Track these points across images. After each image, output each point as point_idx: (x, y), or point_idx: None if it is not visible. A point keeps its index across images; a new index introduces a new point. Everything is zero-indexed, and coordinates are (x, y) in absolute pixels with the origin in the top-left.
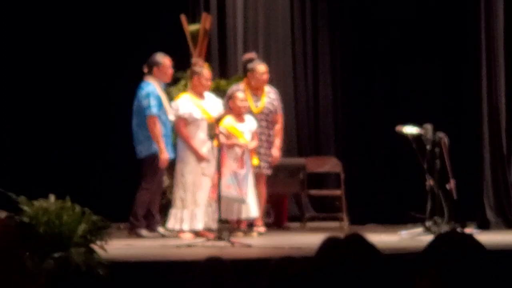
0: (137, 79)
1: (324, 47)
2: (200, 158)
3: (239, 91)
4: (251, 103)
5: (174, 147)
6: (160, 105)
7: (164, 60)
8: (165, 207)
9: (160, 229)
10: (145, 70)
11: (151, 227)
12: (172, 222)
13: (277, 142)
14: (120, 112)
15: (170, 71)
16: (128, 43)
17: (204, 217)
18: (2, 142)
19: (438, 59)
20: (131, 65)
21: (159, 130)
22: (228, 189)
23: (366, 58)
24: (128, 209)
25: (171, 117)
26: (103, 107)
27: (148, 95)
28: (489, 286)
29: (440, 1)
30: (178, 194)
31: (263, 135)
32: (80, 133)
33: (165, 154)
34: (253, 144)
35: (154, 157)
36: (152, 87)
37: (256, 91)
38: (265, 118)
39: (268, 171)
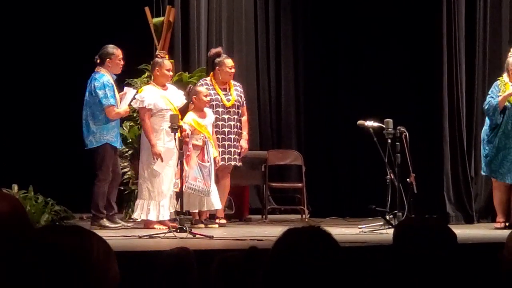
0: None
1: (287, 41)
2: (155, 153)
3: (204, 86)
4: (222, 97)
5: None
6: (114, 95)
7: (116, 51)
8: (128, 197)
9: (119, 220)
10: (97, 60)
11: (110, 218)
12: (138, 213)
13: (245, 133)
14: (82, 103)
15: (121, 62)
16: (92, 35)
17: (168, 208)
18: None
19: (400, 54)
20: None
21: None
22: (195, 181)
23: (328, 53)
24: (90, 200)
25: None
26: (66, 98)
27: (104, 86)
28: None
29: None
30: (145, 185)
31: (236, 128)
32: (43, 123)
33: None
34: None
35: (105, 147)
36: (106, 77)
37: (224, 85)
38: (236, 111)
39: (239, 163)
